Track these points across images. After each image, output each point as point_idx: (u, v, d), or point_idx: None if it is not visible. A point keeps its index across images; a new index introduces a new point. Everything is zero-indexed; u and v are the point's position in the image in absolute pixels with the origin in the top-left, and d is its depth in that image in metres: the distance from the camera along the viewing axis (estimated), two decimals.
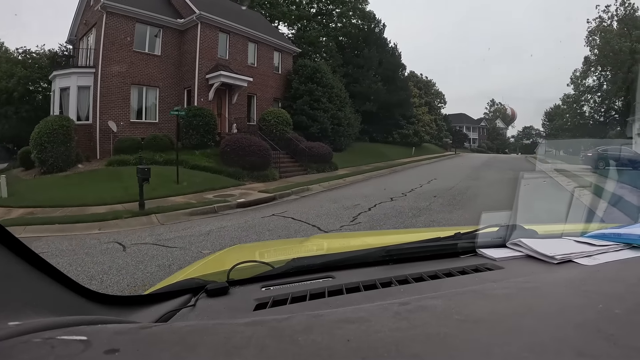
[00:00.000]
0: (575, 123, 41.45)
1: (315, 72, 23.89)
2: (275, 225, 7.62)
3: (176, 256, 5.80)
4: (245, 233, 7.10)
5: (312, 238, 2.47)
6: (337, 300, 1.06)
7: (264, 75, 22.12)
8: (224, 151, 14.97)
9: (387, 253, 1.36)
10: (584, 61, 40.21)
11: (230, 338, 0.56)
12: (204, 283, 1.20)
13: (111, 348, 0.53)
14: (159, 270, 5.09)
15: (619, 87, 34.31)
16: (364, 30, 34.42)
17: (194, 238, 6.88)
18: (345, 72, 30.91)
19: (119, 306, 1.05)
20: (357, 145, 27.98)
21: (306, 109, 22.99)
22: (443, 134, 51.49)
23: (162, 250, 6.17)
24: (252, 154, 14.84)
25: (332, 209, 9.23)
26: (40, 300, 0.78)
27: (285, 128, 19.64)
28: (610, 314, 0.58)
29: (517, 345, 0.50)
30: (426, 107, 45.48)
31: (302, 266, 1.32)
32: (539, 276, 0.98)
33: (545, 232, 1.57)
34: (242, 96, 20.42)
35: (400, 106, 35.20)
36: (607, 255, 1.29)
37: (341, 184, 14.78)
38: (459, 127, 64.55)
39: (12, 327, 0.59)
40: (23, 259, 0.77)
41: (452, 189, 12.62)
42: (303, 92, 23.22)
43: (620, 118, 36.48)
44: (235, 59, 20.04)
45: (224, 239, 6.66)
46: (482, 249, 1.44)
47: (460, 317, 0.59)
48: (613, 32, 35.97)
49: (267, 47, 22.34)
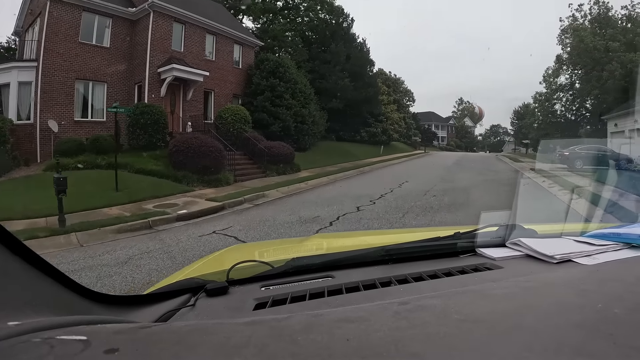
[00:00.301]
0: (547, 121, 42.22)
1: (278, 66, 22.97)
2: (213, 247, 6.49)
3: None
4: (171, 262, 5.96)
5: (311, 237, 2.59)
6: (337, 300, 1.07)
7: (223, 70, 21.26)
8: (172, 153, 13.90)
9: (386, 252, 1.38)
10: (556, 59, 40.89)
11: (229, 338, 0.57)
12: (203, 283, 1.20)
13: (110, 348, 0.54)
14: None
15: (592, 86, 34.86)
16: (332, 25, 33.76)
17: (104, 270, 5.64)
18: (311, 67, 30.32)
19: (118, 306, 1.04)
20: (323, 145, 27.18)
21: (267, 105, 22.08)
22: (412, 132, 52.17)
23: None
24: (203, 155, 13.61)
25: (286, 223, 8.24)
26: (40, 300, 0.78)
27: (244, 126, 18.76)
28: (609, 313, 0.59)
29: (516, 345, 0.51)
30: (395, 105, 45.90)
31: (301, 266, 1.32)
32: (539, 276, 1.00)
33: (545, 231, 1.60)
34: (198, 92, 19.53)
35: (368, 103, 34.80)
36: (606, 254, 1.31)
37: (302, 189, 13.73)
38: (427, 126, 66.36)
39: (11, 326, 0.60)
40: (22, 258, 0.76)
41: (427, 194, 11.79)
42: (264, 87, 22.28)
43: (591, 117, 37.52)
44: (191, 52, 19.06)
45: (141, 271, 5.55)
46: (481, 249, 1.46)
47: (459, 317, 0.60)
48: (587, 31, 36.78)
49: (226, 39, 21.43)
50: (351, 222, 8.14)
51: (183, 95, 18.72)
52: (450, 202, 10.45)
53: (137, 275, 5.30)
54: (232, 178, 14.05)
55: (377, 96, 38.28)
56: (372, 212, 8.97)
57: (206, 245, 6.69)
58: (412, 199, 10.67)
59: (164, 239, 7.20)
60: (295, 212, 9.16)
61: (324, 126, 28.07)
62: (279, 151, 17.72)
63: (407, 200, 10.56)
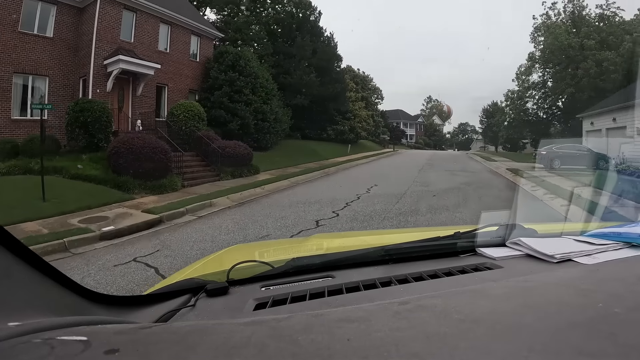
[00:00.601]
0: (519, 119, 43.12)
1: (238, 59, 22.13)
2: (125, 285, 5.41)
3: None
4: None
5: (312, 237, 2.41)
6: (337, 300, 1.10)
7: (179, 63, 20.43)
8: (111, 155, 12.69)
9: (386, 252, 1.41)
10: (528, 57, 41.94)
11: (230, 338, 0.59)
12: (203, 283, 1.22)
13: (111, 348, 0.55)
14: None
15: (566, 84, 35.63)
16: (298, 18, 33.00)
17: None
18: (275, 61, 29.62)
19: (119, 306, 1.06)
20: (287, 144, 26.31)
21: (225, 101, 21.20)
22: (380, 130, 52.33)
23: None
24: (146, 158, 12.42)
25: (227, 244, 6.79)
26: (40, 300, 0.80)
27: (198, 124, 17.68)
28: (610, 312, 0.61)
29: (516, 345, 0.52)
30: (363, 102, 45.61)
31: (301, 266, 1.35)
32: (539, 275, 1.01)
33: (545, 231, 1.65)
34: (149, 87, 18.60)
35: (335, 100, 34.16)
36: (606, 254, 1.35)
37: (257, 195, 12.55)
38: (396, 124, 67.32)
39: (12, 327, 0.61)
40: (23, 259, 0.78)
41: (399, 201, 10.83)
42: (222, 82, 21.41)
43: (563, 115, 38.66)
44: (143, 43, 18.09)
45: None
46: (481, 248, 1.49)
47: (460, 317, 0.61)
48: (562, 28, 37.66)
49: (183, 30, 20.54)
50: None
51: (133, 90, 17.86)
52: (428, 211, 9.65)
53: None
54: (179, 183, 12.87)
55: (345, 93, 37.71)
56: (334, 228, 8.12)
57: (116, 280, 5.48)
58: (382, 209, 9.78)
59: (73, 268, 5.94)
60: (241, 227, 8.13)
61: (288, 124, 27.23)
62: (234, 151, 16.48)
63: (377, 210, 9.63)
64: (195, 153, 16.31)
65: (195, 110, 17.96)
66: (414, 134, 77.79)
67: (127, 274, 5.80)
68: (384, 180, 15.84)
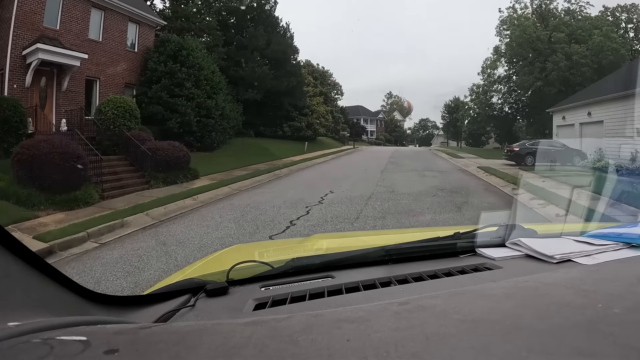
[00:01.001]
0: (484, 114, 43.31)
1: (180, 49, 20.59)
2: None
3: None
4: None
5: (311, 238, 2.54)
6: (337, 300, 1.13)
7: (113, 54, 18.82)
8: (14, 163, 10.84)
9: (386, 253, 1.45)
10: (493, 51, 42.40)
11: (229, 338, 0.60)
12: (203, 283, 1.24)
13: (110, 348, 0.56)
14: None
15: (535, 77, 35.77)
16: (252, 7, 31.60)
17: None
18: (225, 53, 27.91)
19: (118, 306, 1.08)
20: (238, 142, 24.77)
21: (164, 96, 19.60)
22: (340, 126, 51.48)
23: None
24: (53, 165, 10.46)
25: (117, 291, 5.50)
26: (40, 300, 0.81)
27: (129, 122, 16.10)
28: (609, 313, 0.61)
29: (516, 345, 0.53)
30: (321, 97, 44.80)
31: (301, 266, 1.37)
32: (539, 276, 1.00)
33: (545, 231, 1.70)
34: (78, 81, 16.96)
35: (291, 95, 32.78)
36: (606, 254, 1.40)
37: (186, 209, 10.67)
38: (356, 120, 66.80)
39: (11, 327, 0.63)
40: (22, 259, 0.79)
41: (360, 217, 8.99)
42: (162, 74, 19.87)
43: (530, 110, 38.94)
44: (70, 30, 16.43)
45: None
46: (481, 249, 1.53)
47: (459, 317, 0.62)
48: (530, 20, 38.09)
49: (119, 16, 18.92)
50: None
51: (57, 85, 16.44)
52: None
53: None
54: (96, 195, 11.10)
55: (302, 87, 36.42)
56: None
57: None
58: (336, 230, 8.02)
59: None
60: (144, 263, 6.30)
61: (239, 120, 25.96)
62: (168, 154, 14.56)
63: (329, 232, 7.71)
64: (123, 157, 14.81)
65: (126, 106, 16.48)
66: (374, 130, 78.70)
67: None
68: (341, 184, 14.11)
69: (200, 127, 20.39)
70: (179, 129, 19.24)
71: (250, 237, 7.68)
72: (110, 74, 18.43)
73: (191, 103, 19.93)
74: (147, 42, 20.67)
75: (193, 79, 20.30)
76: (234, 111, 24.51)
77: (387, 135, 78.30)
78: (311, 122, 36.54)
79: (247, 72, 28.16)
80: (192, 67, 20.39)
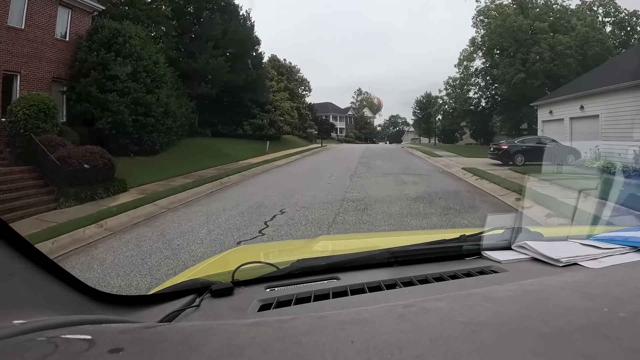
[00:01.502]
0: (461, 109, 41.65)
1: (116, 36, 18.33)
2: None
3: None
4: None
5: (317, 239, 2.39)
6: (342, 302, 1.13)
7: (38, 43, 16.55)
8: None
9: (392, 255, 1.44)
10: (470, 42, 41.24)
11: (234, 338, 0.61)
12: (208, 283, 1.23)
13: (115, 347, 0.56)
14: None
15: (516, 69, 34.17)
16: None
17: None
18: (176, 43, 26.02)
19: (123, 306, 1.06)
20: (190, 144, 22.95)
21: (93, 91, 17.21)
22: (307, 124, 50.31)
23: None
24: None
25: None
26: (45, 299, 0.81)
27: (44, 125, 13.81)
28: (615, 317, 0.62)
29: (521, 348, 0.53)
30: (287, 92, 42.99)
31: (306, 267, 1.36)
32: (544, 279, 1.04)
33: (551, 234, 1.70)
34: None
35: (251, 90, 30.57)
36: (613, 258, 1.39)
37: (82, 243, 7.61)
38: (325, 117, 68.46)
39: (16, 325, 0.62)
40: (28, 258, 0.78)
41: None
42: (92, 65, 17.50)
43: (510, 104, 37.40)
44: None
45: None
46: (487, 252, 1.53)
47: (464, 320, 0.63)
48: (511, 9, 37.33)
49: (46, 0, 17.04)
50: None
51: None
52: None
53: None
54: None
55: (263, 81, 33.86)
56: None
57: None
58: None
59: None
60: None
61: (190, 119, 24.18)
62: (83, 163, 11.95)
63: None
64: (33, 168, 12.60)
65: (41, 104, 14.00)
66: (344, 127, 79.85)
67: None
68: (298, 198, 11.23)
69: (138, 128, 17.79)
70: (111, 129, 16.84)
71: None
72: (34, 66, 16.12)
73: (126, 99, 17.32)
74: (82, 30, 18.37)
75: (129, 71, 17.66)
76: (182, 108, 22.71)
77: (356, 133, 79.14)
78: (274, 120, 34.57)
79: (200, 64, 25.73)
80: (129, 57, 17.88)
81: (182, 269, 6.80)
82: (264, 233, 7.73)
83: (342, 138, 70.56)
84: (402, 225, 8.28)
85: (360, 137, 77.35)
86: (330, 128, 63.83)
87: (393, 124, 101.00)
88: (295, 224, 8.29)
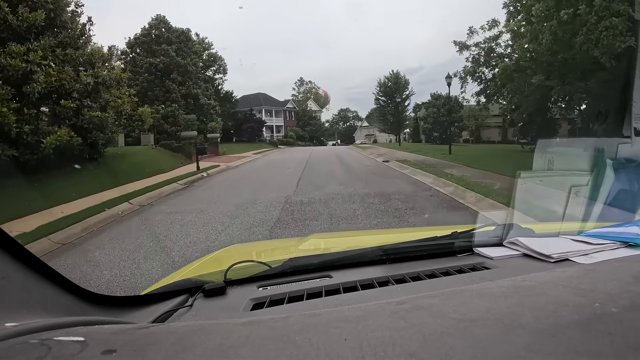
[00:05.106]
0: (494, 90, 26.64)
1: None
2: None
3: None
4: None
5: (309, 237, 2.30)
6: (334, 300, 1.14)
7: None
8: None
9: (384, 252, 1.44)
10: (491, 22, 24.72)
11: (227, 338, 0.60)
12: (201, 283, 1.23)
13: (108, 349, 0.56)
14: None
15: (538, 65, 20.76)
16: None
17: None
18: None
19: (116, 307, 1.06)
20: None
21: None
22: (210, 125, 32.75)
23: None
24: None
25: None
26: (37, 301, 0.81)
27: None
28: (607, 312, 0.61)
29: (514, 344, 0.53)
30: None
31: (299, 266, 1.36)
32: (536, 275, 0.99)
33: (542, 230, 1.68)
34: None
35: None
36: (604, 253, 1.39)
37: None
38: (251, 111, 48.71)
39: (9, 328, 0.63)
40: (20, 260, 0.79)
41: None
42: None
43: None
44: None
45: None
46: (479, 248, 1.52)
47: (457, 316, 0.62)
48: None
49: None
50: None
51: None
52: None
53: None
54: None
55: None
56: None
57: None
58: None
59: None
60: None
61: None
62: None
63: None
64: None
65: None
66: (281, 124, 61.97)
67: None
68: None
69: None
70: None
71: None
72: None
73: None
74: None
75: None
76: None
77: (298, 131, 61.75)
78: (101, 118, 13.71)
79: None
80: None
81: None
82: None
83: (279, 139, 53.88)
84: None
85: (303, 136, 61.42)
86: (257, 126, 46.28)
87: (343, 119, 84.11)
88: None
